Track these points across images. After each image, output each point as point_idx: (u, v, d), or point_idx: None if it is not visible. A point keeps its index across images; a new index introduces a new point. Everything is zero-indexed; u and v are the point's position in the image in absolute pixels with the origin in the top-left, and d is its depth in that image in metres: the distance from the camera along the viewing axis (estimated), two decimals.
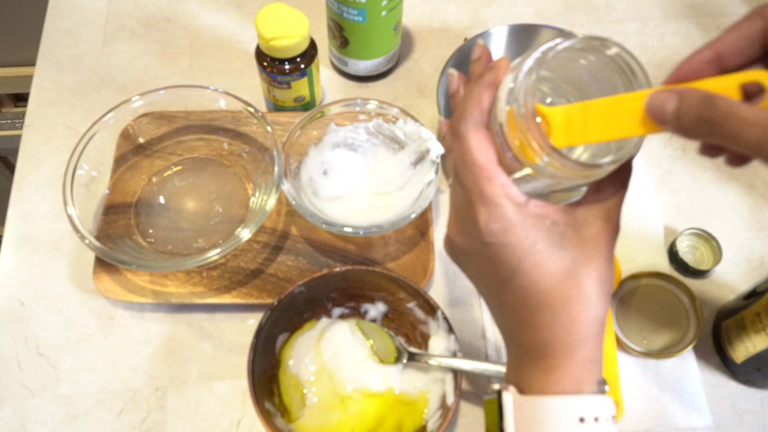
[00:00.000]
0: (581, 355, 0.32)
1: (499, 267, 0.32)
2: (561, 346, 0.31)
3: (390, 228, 0.55)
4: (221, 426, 0.53)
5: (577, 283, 0.31)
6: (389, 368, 0.53)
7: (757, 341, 0.51)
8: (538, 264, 0.31)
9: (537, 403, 0.31)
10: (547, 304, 0.32)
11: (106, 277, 0.56)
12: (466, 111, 0.32)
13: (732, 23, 0.29)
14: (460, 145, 0.32)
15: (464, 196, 0.32)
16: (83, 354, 0.55)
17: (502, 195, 0.31)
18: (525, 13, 0.78)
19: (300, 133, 0.59)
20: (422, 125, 0.59)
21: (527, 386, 0.32)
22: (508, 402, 0.32)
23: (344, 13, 0.62)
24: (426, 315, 0.53)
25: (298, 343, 0.54)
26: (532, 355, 0.32)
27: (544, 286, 0.31)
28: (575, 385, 0.31)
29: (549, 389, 0.31)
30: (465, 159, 0.32)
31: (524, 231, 0.31)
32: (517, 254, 0.32)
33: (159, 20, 0.75)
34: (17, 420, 0.52)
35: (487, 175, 0.31)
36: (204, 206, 0.61)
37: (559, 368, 0.31)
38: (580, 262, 0.32)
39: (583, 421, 0.30)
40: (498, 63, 0.33)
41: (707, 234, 0.61)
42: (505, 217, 0.31)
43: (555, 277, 0.31)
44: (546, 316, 0.32)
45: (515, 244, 0.31)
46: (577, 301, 0.31)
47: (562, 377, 0.31)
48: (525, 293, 0.32)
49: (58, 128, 0.67)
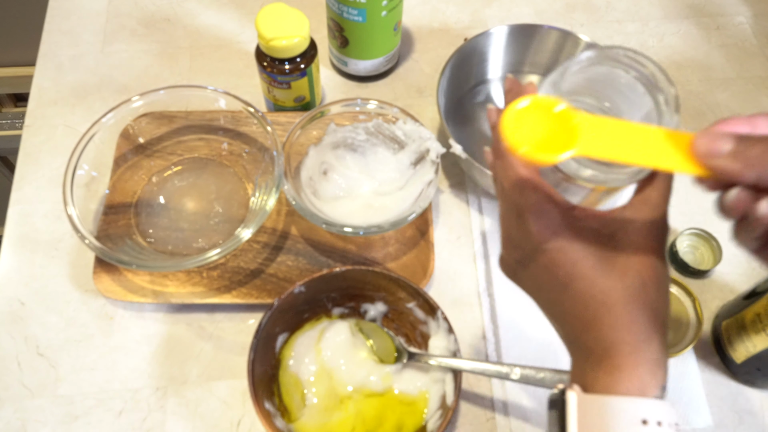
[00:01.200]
0: (645, 356, 0.31)
1: (557, 273, 0.33)
2: (624, 346, 0.32)
3: (390, 228, 0.55)
4: (221, 426, 0.53)
5: (635, 282, 0.32)
6: (389, 368, 0.53)
7: (757, 341, 0.51)
8: (594, 266, 0.32)
9: (600, 402, 0.31)
10: (607, 305, 0.32)
11: (106, 277, 0.56)
12: None
13: (731, 24, 0.30)
14: (504, 163, 0.34)
15: (513, 211, 0.34)
16: (83, 354, 0.55)
17: (548, 202, 0.33)
18: (525, 13, 0.78)
19: (300, 133, 0.59)
20: (422, 125, 0.59)
21: (591, 386, 0.32)
22: (572, 400, 0.32)
23: (344, 13, 0.62)
24: (426, 315, 0.53)
25: (298, 343, 0.54)
26: (596, 356, 0.33)
27: (601, 287, 0.32)
28: (639, 387, 0.31)
29: (613, 389, 0.31)
30: (509, 175, 0.34)
31: (575, 234, 0.32)
32: (572, 257, 0.32)
33: (159, 20, 0.75)
34: (17, 420, 0.52)
35: (532, 185, 0.33)
36: (204, 206, 0.61)
37: (623, 368, 0.31)
38: (635, 260, 0.32)
39: (646, 423, 0.30)
40: (525, 87, 0.35)
41: (707, 234, 0.61)
42: (554, 222, 0.32)
43: (613, 276, 0.32)
44: (607, 316, 0.32)
45: (568, 248, 0.32)
46: (636, 299, 0.32)
47: (626, 378, 0.31)
48: (584, 296, 0.32)
49: (58, 128, 0.67)
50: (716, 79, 0.74)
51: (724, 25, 0.78)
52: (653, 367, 0.32)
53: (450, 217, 0.63)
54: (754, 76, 0.74)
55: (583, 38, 0.65)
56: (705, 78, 0.74)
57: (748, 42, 0.77)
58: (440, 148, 0.58)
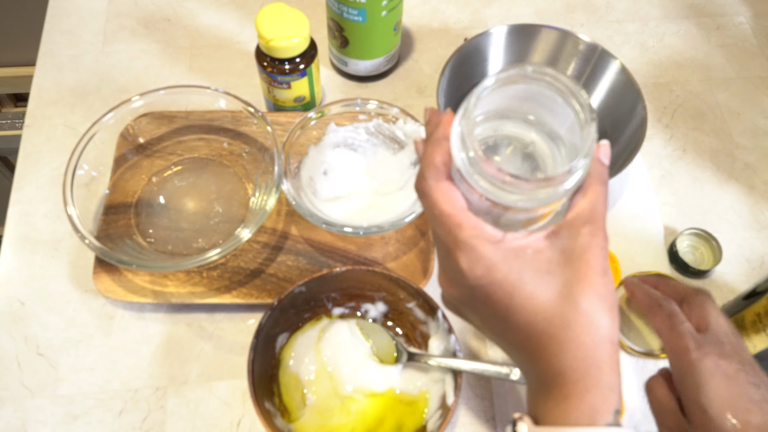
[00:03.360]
0: (594, 381, 0.31)
1: (495, 308, 0.32)
2: (572, 373, 0.31)
3: (390, 228, 0.55)
4: (221, 426, 0.53)
5: (574, 306, 0.31)
6: (389, 368, 0.53)
7: (757, 341, 0.51)
8: (530, 295, 0.31)
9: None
10: (549, 333, 0.31)
11: (106, 277, 0.56)
12: (425, 169, 0.33)
13: (731, 24, 0.29)
14: (426, 202, 0.33)
15: (443, 248, 0.33)
16: (83, 354, 0.55)
17: (475, 236, 0.31)
18: (525, 13, 0.78)
19: (300, 133, 0.59)
20: (422, 125, 0.59)
21: (543, 417, 0.32)
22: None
23: (344, 13, 0.62)
24: (426, 315, 0.53)
25: (298, 343, 0.54)
26: (545, 385, 0.32)
27: (542, 316, 0.31)
28: (589, 415, 0.30)
29: (562, 419, 0.31)
30: (433, 213, 0.33)
31: (507, 266, 0.31)
32: (507, 290, 0.31)
33: (159, 20, 0.75)
34: (17, 420, 0.52)
35: (456, 222, 0.32)
36: (204, 206, 0.61)
37: (571, 397, 0.31)
38: (573, 282, 0.31)
39: None
40: (442, 117, 0.34)
41: (707, 234, 0.61)
42: (484, 257, 0.31)
43: (551, 303, 0.31)
44: (551, 345, 0.31)
45: (502, 280, 0.31)
46: (579, 323, 0.30)
47: (576, 406, 0.30)
48: (526, 328, 0.31)
49: (58, 128, 0.67)
50: (716, 79, 0.74)
51: (724, 25, 0.78)
52: (604, 391, 0.30)
53: None
54: (754, 76, 0.74)
55: (583, 38, 0.65)
56: (705, 78, 0.74)
57: (748, 42, 0.77)
58: None
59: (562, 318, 0.31)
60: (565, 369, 0.31)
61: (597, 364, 0.31)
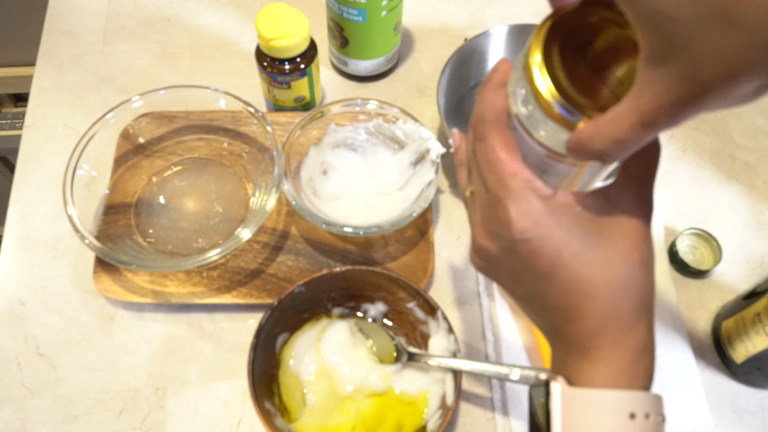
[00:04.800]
0: (630, 344, 0.30)
1: (537, 263, 0.31)
2: (608, 335, 0.30)
3: (390, 228, 0.55)
4: (221, 426, 0.53)
5: (619, 268, 0.30)
6: (389, 368, 0.53)
7: (757, 341, 0.51)
8: (577, 252, 0.30)
9: (585, 396, 0.30)
10: (591, 294, 0.30)
11: (106, 277, 0.56)
12: (485, 112, 0.32)
13: None
14: (483, 145, 0.32)
15: (489, 198, 0.32)
16: (83, 354, 0.55)
17: (527, 189, 0.31)
18: (525, 13, 0.78)
19: (300, 133, 0.59)
20: (422, 125, 0.59)
21: (576, 379, 0.31)
22: (556, 393, 0.31)
23: (344, 13, 0.62)
24: (426, 315, 0.53)
25: (298, 343, 0.54)
26: (579, 347, 0.31)
27: (586, 276, 0.30)
28: (626, 378, 0.30)
29: (598, 381, 0.30)
30: (488, 157, 0.31)
31: (556, 221, 0.31)
32: (554, 246, 0.30)
33: (159, 20, 0.75)
34: (17, 420, 0.52)
35: (511, 170, 0.31)
36: (204, 206, 0.61)
37: (608, 359, 0.30)
38: (619, 245, 0.31)
39: (634, 417, 0.29)
40: (498, 65, 0.33)
41: (707, 234, 0.61)
42: (535, 210, 0.30)
43: (596, 263, 0.30)
44: (591, 306, 0.30)
45: (549, 236, 0.30)
46: (621, 286, 0.30)
47: (613, 369, 0.30)
48: (568, 286, 0.31)
49: (58, 128, 0.67)
50: None
51: None
52: (640, 355, 0.30)
53: (450, 217, 0.63)
54: None
55: None
56: None
57: None
58: (440, 148, 0.58)
59: (607, 279, 0.30)
60: (602, 331, 0.30)
61: (634, 327, 0.30)
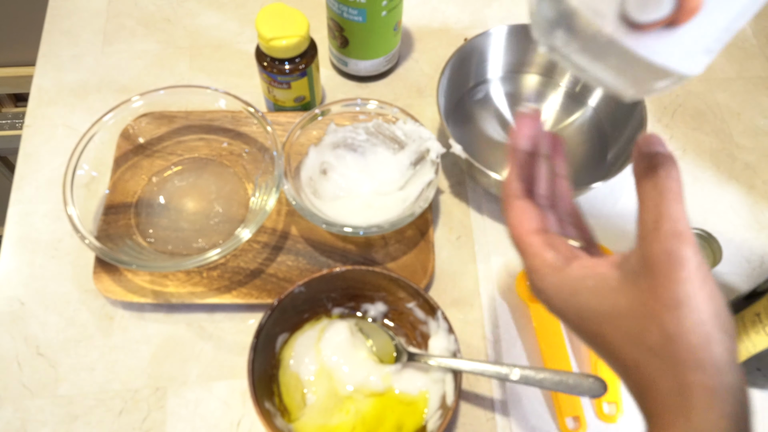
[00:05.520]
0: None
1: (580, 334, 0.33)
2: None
3: (390, 228, 0.55)
4: (221, 426, 0.53)
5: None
6: (389, 368, 0.53)
7: (757, 341, 0.51)
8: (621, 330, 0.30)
9: None
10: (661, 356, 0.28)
11: (106, 277, 0.56)
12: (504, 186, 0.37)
13: None
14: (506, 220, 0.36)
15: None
16: (83, 354, 0.55)
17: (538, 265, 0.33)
18: (525, 13, 0.78)
19: (300, 133, 0.59)
20: (422, 125, 0.59)
21: None
22: None
23: (344, 13, 0.62)
24: (426, 315, 0.53)
25: (298, 343, 0.54)
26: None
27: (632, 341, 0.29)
28: None
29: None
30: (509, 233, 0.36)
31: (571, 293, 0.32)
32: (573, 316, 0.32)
33: (159, 20, 0.75)
34: (17, 420, 0.52)
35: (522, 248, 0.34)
36: (204, 206, 0.61)
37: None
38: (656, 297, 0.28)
39: None
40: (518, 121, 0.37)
41: (707, 234, 0.61)
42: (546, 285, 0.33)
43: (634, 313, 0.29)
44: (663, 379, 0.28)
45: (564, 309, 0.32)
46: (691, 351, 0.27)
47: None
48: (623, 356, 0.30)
49: (58, 128, 0.67)
50: (716, 79, 0.74)
51: None
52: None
53: (450, 217, 0.63)
54: (754, 76, 0.74)
55: None
56: (705, 78, 0.74)
57: (748, 42, 0.77)
58: (440, 148, 0.58)
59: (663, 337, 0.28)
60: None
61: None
